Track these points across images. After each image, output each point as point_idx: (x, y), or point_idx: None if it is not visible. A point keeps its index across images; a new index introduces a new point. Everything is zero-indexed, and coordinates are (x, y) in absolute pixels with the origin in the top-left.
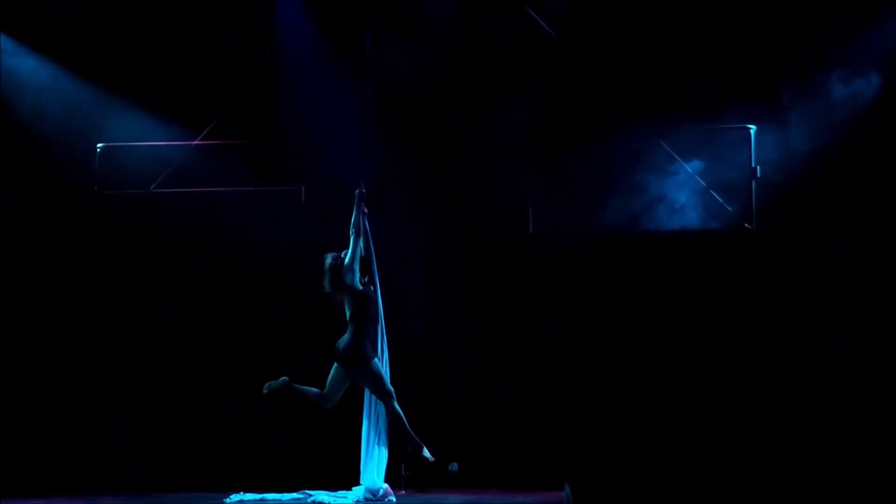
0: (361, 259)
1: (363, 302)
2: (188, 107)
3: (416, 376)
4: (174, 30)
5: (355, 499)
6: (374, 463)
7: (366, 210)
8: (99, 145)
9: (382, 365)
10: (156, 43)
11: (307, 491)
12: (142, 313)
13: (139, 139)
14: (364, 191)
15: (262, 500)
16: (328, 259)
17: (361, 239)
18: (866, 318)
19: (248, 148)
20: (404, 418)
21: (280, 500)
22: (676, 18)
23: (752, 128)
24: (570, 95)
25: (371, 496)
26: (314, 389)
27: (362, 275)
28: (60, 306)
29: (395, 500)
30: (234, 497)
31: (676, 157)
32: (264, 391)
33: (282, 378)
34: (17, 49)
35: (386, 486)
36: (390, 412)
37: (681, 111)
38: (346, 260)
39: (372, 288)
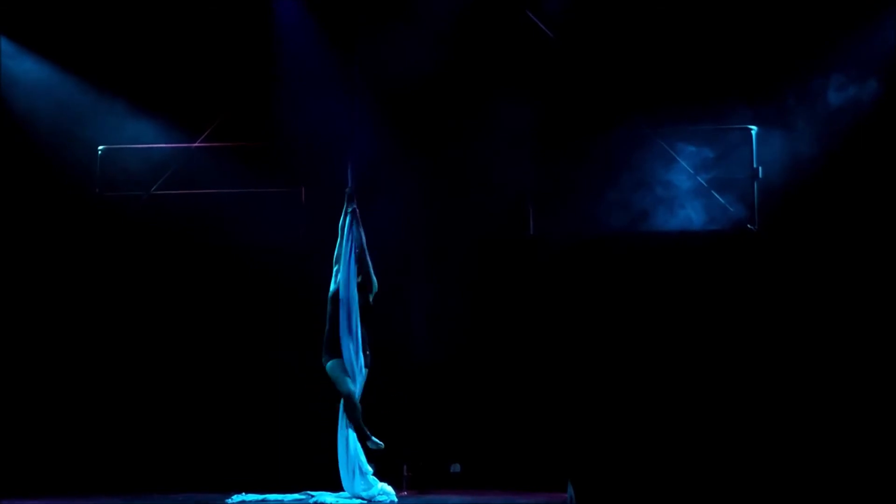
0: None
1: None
2: (188, 109)
3: (415, 375)
4: (174, 32)
5: (356, 499)
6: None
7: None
8: (100, 147)
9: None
10: (156, 45)
11: (309, 492)
12: (142, 314)
13: (140, 141)
14: (351, 192)
15: (263, 500)
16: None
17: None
18: (866, 317)
19: (248, 150)
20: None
21: (282, 500)
22: (679, 18)
23: (754, 129)
24: (572, 95)
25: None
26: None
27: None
28: (61, 307)
29: (396, 499)
30: (236, 497)
31: (678, 158)
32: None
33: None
34: (16, 51)
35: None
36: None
37: (683, 112)
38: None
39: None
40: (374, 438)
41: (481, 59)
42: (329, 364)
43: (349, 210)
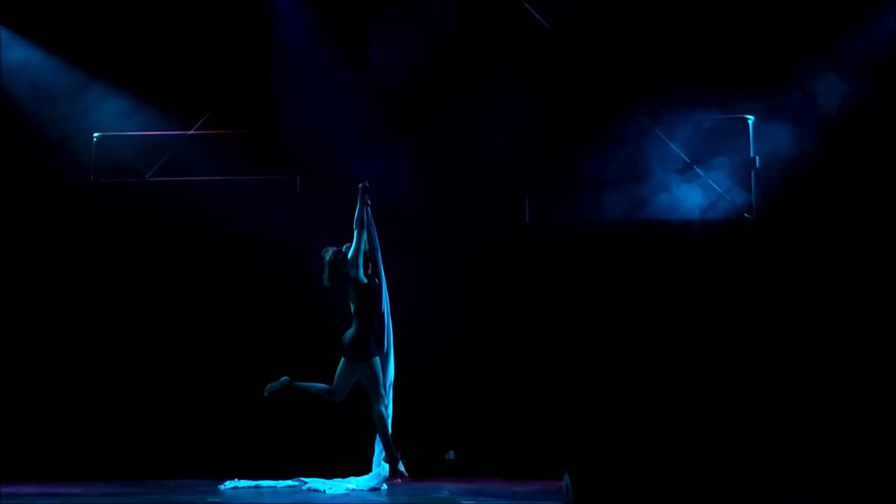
0: (365, 252)
1: (368, 296)
2: (184, 96)
3: (414, 369)
4: (171, 18)
5: (349, 486)
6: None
7: (369, 202)
8: (95, 134)
9: (387, 359)
10: (152, 32)
11: (302, 478)
12: (138, 301)
13: (135, 128)
14: (367, 184)
15: (256, 486)
16: (328, 254)
17: (365, 232)
18: (862, 307)
19: (243, 137)
20: (388, 425)
21: (275, 486)
22: (677, 6)
23: (751, 118)
24: (569, 85)
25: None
26: (320, 385)
27: (366, 268)
28: (58, 294)
29: (385, 487)
30: (229, 483)
31: (675, 147)
32: (265, 394)
33: (283, 378)
34: (12, 38)
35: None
36: (375, 414)
37: (681, 101)
38: (350, 254)
39: (377, 281)
40: (401, 464)
41: (479, 49)
42: (374, 360)
43: (362, 195)
